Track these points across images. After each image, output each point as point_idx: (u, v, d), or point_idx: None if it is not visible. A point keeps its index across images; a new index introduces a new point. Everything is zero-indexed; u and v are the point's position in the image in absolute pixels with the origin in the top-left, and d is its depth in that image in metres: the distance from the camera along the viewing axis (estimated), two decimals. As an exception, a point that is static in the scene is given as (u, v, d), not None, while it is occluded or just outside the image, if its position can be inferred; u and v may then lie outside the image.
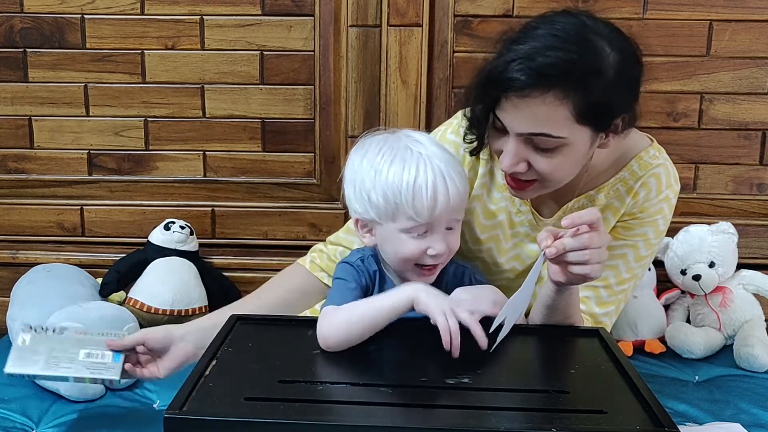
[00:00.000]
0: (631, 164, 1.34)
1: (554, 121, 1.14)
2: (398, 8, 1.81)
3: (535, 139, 1.17)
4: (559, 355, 1.16)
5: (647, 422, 0.93)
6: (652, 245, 1.35)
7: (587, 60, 1.13)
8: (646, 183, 1.33)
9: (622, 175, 1.34)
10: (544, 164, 1.18)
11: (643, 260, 1.34)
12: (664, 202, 1.34)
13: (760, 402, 1.51)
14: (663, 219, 1.34)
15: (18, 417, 1.43)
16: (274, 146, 1.94)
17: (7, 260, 1.98)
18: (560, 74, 1.12)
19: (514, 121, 1.17)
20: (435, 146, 1.19)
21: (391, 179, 1.15)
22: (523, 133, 1.17)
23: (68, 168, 1.96)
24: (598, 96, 1.14)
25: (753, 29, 1.81)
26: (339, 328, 1.10)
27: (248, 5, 1.86)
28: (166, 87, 1.91)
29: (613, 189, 1.34)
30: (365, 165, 1.18)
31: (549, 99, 1.13)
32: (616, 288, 1.33)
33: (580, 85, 1.12)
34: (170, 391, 1.01)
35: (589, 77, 1.13)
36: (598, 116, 1.17)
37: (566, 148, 1.17)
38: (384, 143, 1.19)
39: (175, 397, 0.95)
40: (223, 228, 1.97)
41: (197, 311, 1.83)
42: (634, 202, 1.33)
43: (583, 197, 1.35)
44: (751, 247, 1.89)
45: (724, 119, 1.86)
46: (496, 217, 1.38)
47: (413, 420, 0.93)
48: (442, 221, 1.16)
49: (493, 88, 1.16)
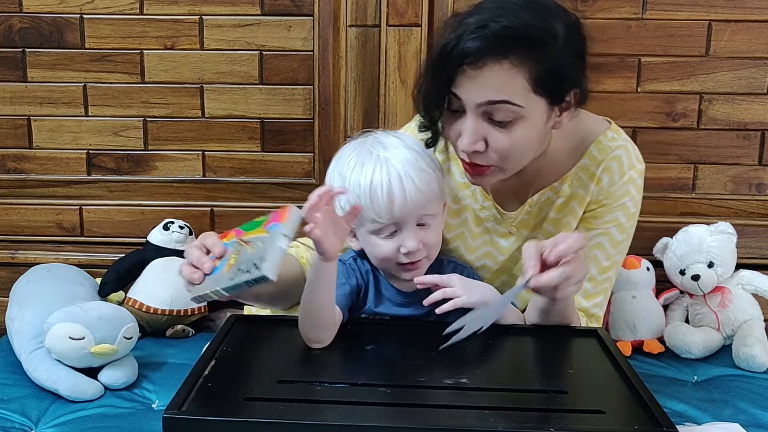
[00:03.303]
0: (590, 150, 1.33)
1: (511, 89, 1.14)
2: (397, 8, 1.81)
3: (493, 112, 1.15)
4: (557, 355, 1.16)
5: (646, 422, 0.93)
6: (626, 228, 1.34)
7: (540, 24, 1.14)
8: (608, 168, 1.32)
9: (584, 163, 1.33)
10: (503, 140, 1.17)
11: (619, 245, 1.34)
12: (629, 183, 1.33)
13: (759, 402, 1.51)
14: (631, 200, 1.34)
15: (17, 417, 1.43)
16: (274, 146, 1.94)
17: (6, 260, 1.98)
18: (515, 37, 1.12)
19: (472, 92, 1.15)
20: (399, 147, 1.19)
21: (353, 185, 1.17)
22: (482, 102, 1.15)
23: (67, 168, 1.96)
24: (552, 62, 1.14)
25: (752, 29, 1.81)
26: (301, 321, 1.12)
27: (247, 5, 1.86)
28: (166, 87, 1.91)
29: (576, 178, 1.33)
30: (336, 173, 1.21)
31: (506, 65, 1.12)
32: (600, 278, 1.33)
33: (535, 49, 1.13)
34: (169, 391, 1.01)
35: (543, 42, 1.13)
36: (553, 86, 1.16)
37: (524, 122, 1.17)
38: (353, 149, 1.21)
39: (174, 397, 0.95)
40: (223, 228, 1.96)
41: (196, 311, 1.83)
42: (599, 189, 1.33)
43: (548, 190, 1.35)
44: (750, 247, 1.89)
45: (723, 119, 1.86)
46: (461, 215, 1.38)
47: (412, 420, 0.93)
48: (408, 219, 1.17)
49: (446, 64, 1.15)
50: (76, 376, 1.51)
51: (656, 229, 1.86)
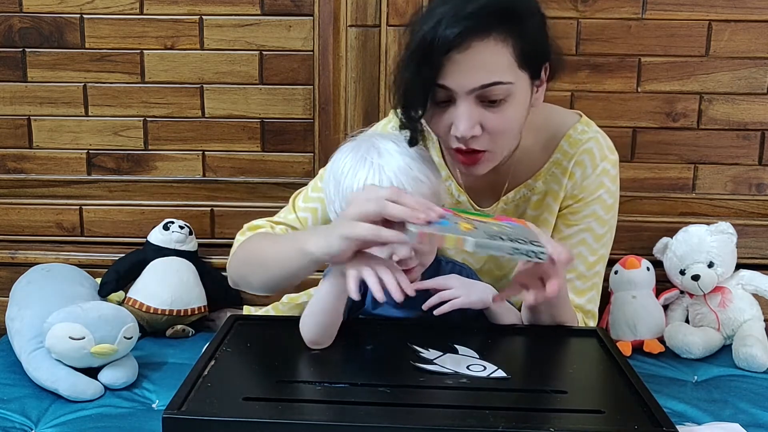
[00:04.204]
0: (561, 145, 1.33)
1: (500, 66, 1.14)
2: (397, 8, 1.81)
3: (485, 94, 1.15)
4: (557, 355, 1.16)
5: (646, 422, 0.93)
6: (606, 221, 1.34)
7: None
8: (579, 161, 1.32)
9: (556, 158, 1.33)
10: (497, 120, 1.17)
11: (602, 238, 1.34)
12: (603, 175, 1.33)
13: (759, 402, 1.51)
14: (607, 192, 1.33)
15: (17, 417, 1.43)
16: (274, 146, 1.94)
17: (6, 260, 1.98)
18: (495, 13, 1.12)
19: (463, 79, 1.14)
20: (394, 154, 1.17)
21: (346, 191, 1.16)
22: (475, 87, 1.14)
23: (67, 168, 1.96)
24: (531, 35, 1.15)
25: (752, 29, 1.81)
26: (306, 324, 1.13)
27: (247, 5, 1.86)
28: (166, 87, 1.91)
29: (549, 173, 1.34)
30: (331, 175, 1.21)
31: (491, 43, 1.12)
32: (588, 273, 1.34)
33: (516, 22, 1.13)
34: (169, 391, 1.01)
35: (522, 14, 1.14)
36: (533, 59, 1.17)
37: (513, 99, 1.16)
38: (350, 152, 1.20)
39: (173, 397, 0.95)
40: (223, 228, 1.97)
41: (196, 311, 1.83)
42: (573, 183, 1.33)
43: (522, 187, 1.35)
44: (750, 247, 1.89)
45: (723, 119, 1.86)
46: None
47: (412, 420, 0.93)
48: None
49: (431, 55, 1.12)
50: (76, 376, 1.51)
51: (656, 229, 1.86)
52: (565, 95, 1.84)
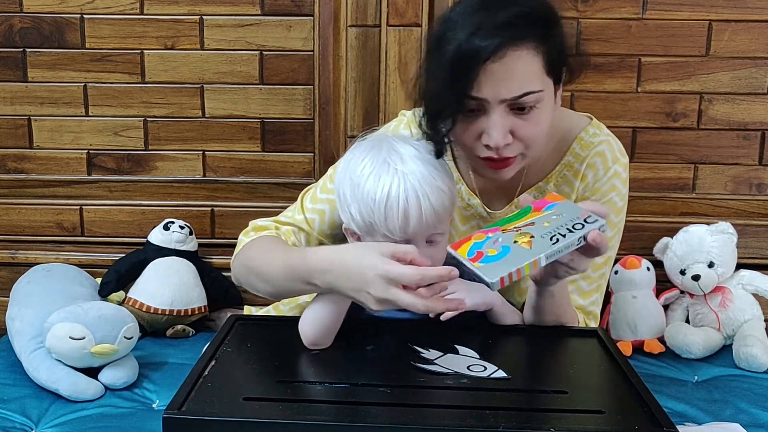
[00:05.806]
0: (573, 147, 1.33)
1: (533, 75, 1.14)
2: (397, 8, 1.81)
3: (517, 102, 1.14)
4: (557, 356, 1.16)
5: (646, 422, 0.93)
6: (615, 223, 1.34)
7: (543, 5, 1.16)
8: (591, 164, 1.32)
9: (567, 160, 1.33)
10: (528, 127, 1.17)
11: (611, 241, 1.34)
12: (615, 178, 1.33)
13: (760, 402, 1.51)
14: (618, 195, 1.34)
15: (17, 417, 1.43)
16: (274, 146, 1.94)
17: (6, 260, 1.98)
18: (530, 20, 1.12)
19: (497, 89, 1.13)
20: (416, 161, 1.14)
21: (366, 197, 1.13)
22: (507, 98, 1.14)
23: (67, 168, 1.96)
24: (559, 42, 1.17)
25: (752, 29, 1.81)
26: (309, 326, 1.14)
27: (248, 5, 1.86)
28: (166, 87, 1.91)
29: (561, 176, 1.34)
30: (347, 177, 1.17)
31: (524, 53, 1.13)
32: (594, 275, 1.33)
33: (547, 29, 1.14)
34: (169, 391, 1.01)
35: (551, 21, 1.16)
36: (558, 65, 1.18)
37: (542, 105, 1.17)
38: (367, 154, 1.17)
39: (174, 397, 0.95)
40: (223, 228, 1.97)
41: (196, 311, 1.83)
42: (584, 186, 1.33)
43: (534, 189, 1.35)
44: (751, 247, 1.89)
45: (723, 119, 1.86)
46: None
47: (412, 420, 0.93)
48: (419, 238, 1.14)
49: (466, 67, 1.11)
50: (77, 376, 1.51)
51: (656, 229, 1.86)
52: (565, 95, 1.83)
